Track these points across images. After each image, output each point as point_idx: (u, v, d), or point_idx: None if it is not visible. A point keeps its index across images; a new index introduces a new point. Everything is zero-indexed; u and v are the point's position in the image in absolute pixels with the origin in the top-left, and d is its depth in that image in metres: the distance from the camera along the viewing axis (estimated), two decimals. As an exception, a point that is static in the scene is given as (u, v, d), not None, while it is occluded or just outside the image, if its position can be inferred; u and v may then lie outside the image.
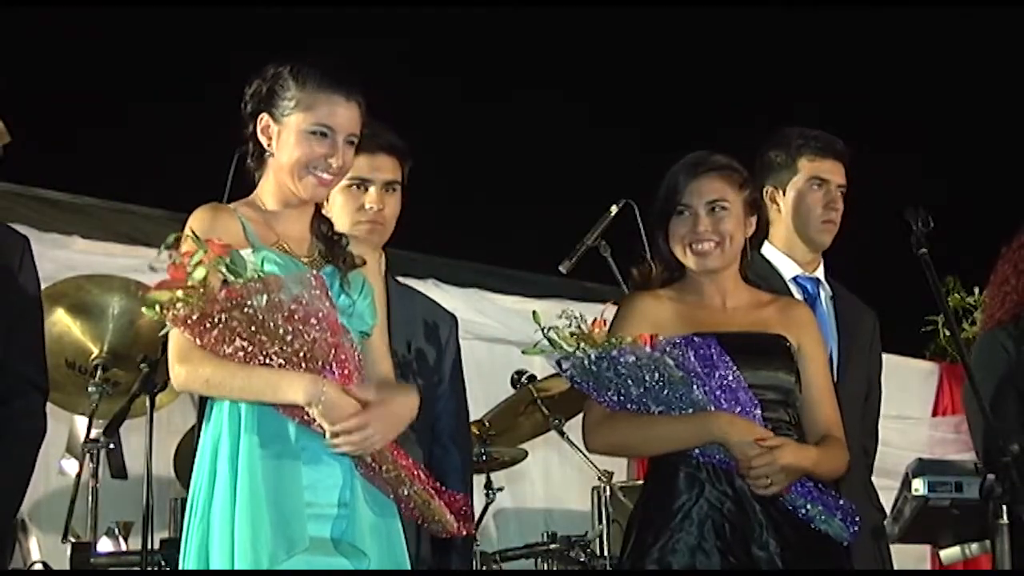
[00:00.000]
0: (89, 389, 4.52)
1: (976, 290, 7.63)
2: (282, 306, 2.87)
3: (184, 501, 4.49)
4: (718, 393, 3.28)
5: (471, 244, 7.10)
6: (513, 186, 8.41)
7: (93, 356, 4.59)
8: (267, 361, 2.89)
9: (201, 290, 2.85)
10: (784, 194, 4.05)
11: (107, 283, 4.69)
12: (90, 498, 4.44)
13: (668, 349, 3.27)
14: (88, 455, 4.42)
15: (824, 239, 4.07)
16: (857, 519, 3.36)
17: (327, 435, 2.91)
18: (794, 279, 4.04)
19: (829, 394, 3.51)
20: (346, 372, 2.95)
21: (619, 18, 8.54)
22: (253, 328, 2.87)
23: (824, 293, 4.07)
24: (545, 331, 3.30)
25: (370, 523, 2.99)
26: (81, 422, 4.65)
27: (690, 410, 3.28)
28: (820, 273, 4.10)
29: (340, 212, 3.48)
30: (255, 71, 3.17)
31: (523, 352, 3.47)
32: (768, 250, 4.04)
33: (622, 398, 3.30)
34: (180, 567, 3.02)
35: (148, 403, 4.33)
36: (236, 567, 2.88)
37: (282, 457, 2.94)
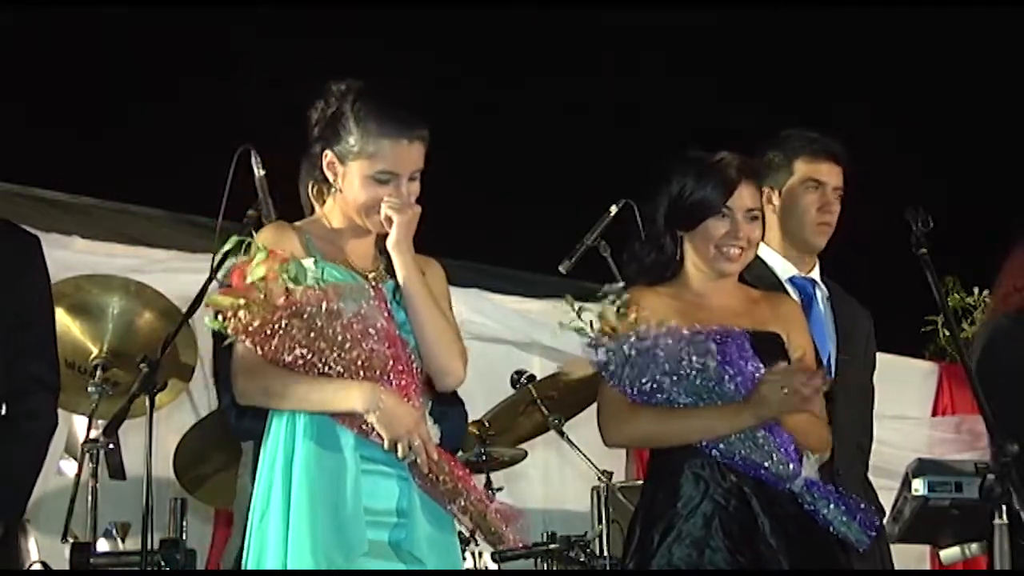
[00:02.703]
0: (89, 389, 4.53)
1: (976, 290, 7.63)
2: (341, 314, 2.90)
3: (183, 501, 4.55)
4: (750, 385, 3.29)
5: (471, 244, 7.10)
6: (513, 186, 8.41)
7: (93, 356, 4.60)
8: (326, 369, 2.93)
9: (262, 295, 2.87)
10: (780, 195, 4.04)
11: (107, 283, 4.70)
12: (89, 498, 4.43)
13: (706, 336, 3.28)
14: (87, 455, 4.42)
15: (819, 241, 4.05)
16: (875, 523, 3.36)
17: (386, 444, 2.93)
18: (790, 280, 4.03)
19: None
20: (403, 383, 2.98)
21: (617, 18, 8.54)
22: (312, 335, 2.90)
23: (820, 294, 4.06)
24: (579, 312, 3.31)
25: (427, 534, 3.01)
26: (80, 422, 4.65)
27: (719, 402, 3.30)
28: (816, 274, 4.09)
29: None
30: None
31: (560, 325, 3.43)
32: (763, 251, 4.03)
33: (654, 386, 3.30)
34: None
35: (148, 403, 4.32)
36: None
37: (339, 466, 2.96)
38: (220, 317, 2.91)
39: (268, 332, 2.90)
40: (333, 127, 3.09)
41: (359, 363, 2.93)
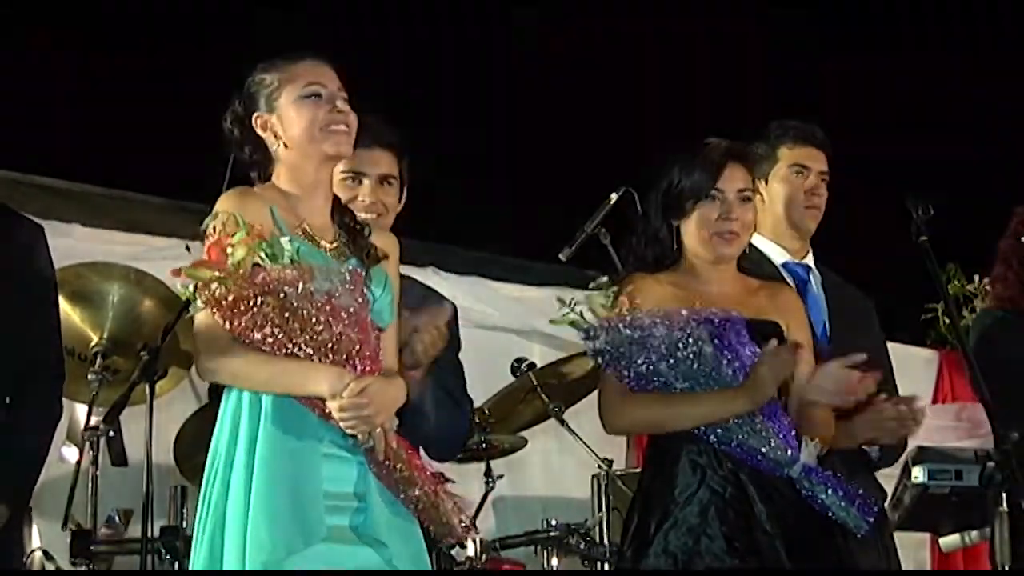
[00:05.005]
0: (89, 377, 4.54)
1: (976, 278, 7.62)
2: (314, 296, 2.89)
3: (184, 489, 4.55)
4: (748, 371, 3.29)
5: (471, 232, 7.10)
6: (513, 174, 8.40)
7: (93, 344, 4.61)
8: (295, 350, 2.91)
9: (240, 271, 2.86)
10: (767, 184, 4.05)
11: (107, 271, 4.71)
12: (90, 485, 4.44)
13: (702, 321, 3.29)
14: (88, 443, 4.43)
15: (809, 225, 4.08)
16: (874, 510, 3.36)
17: (330, 408, 2.91)
18: (784, 265, 4.05)
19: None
20: (368, 369, 2.96)
21: (619, 12, 8.54)
22: (286, 314, 2.88)
23: (815, 279, 4.08)
24: (572, 306, 3.32)
25: (386, 518, 3.00)
26: (81, 410, 4.66)
27: (716, 387, 3.30)
28: (810, 260, 4.11)
29: None
30: (254, 61, 3.18)
31: (551, 322, 3.46)
32: (756, 239, 4.05)
33: (650, 370, 3.30)
34: (192, 559, 3.03)
35: (148, 391, 4.34)
36: (249, 558, 2.88)
37: (301, 448, 2.95)
38: (192, 287, 2.90)
39: (241, 308, 2.87)
40: (251, 99, 3.14)
41: (328, 346, 2.91)
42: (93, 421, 4.48)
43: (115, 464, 4.53)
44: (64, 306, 4.52)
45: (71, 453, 4.67)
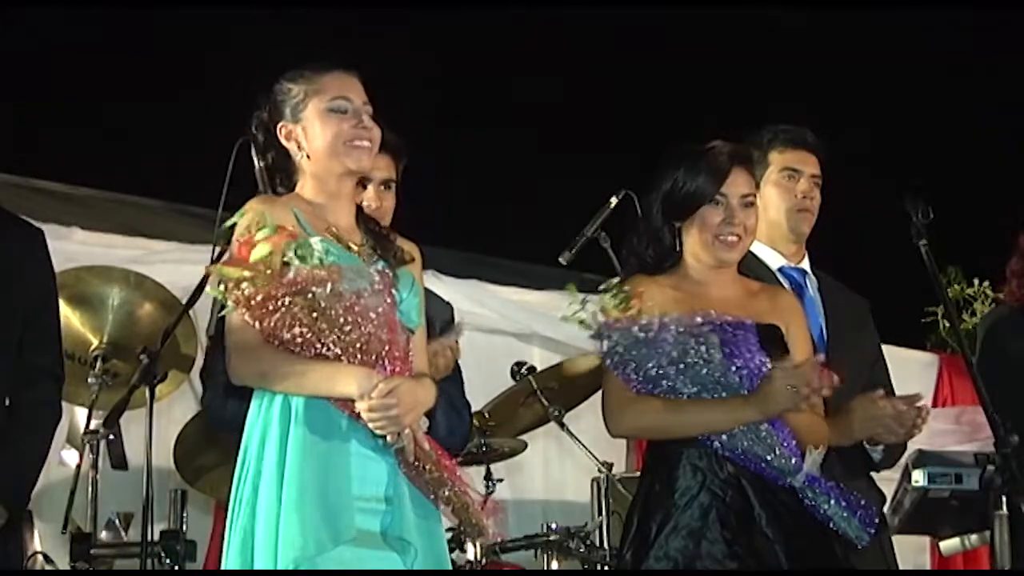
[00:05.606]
0: (89, 380, 4.55)
1: (976, 281, 7.62)
2: (343, 296, 2.90)
3: (184, 492, 4.55)
4: (756, 378, 3.29)
5: (471, 235, 7.11)
6: (513, 177, 8.41)
7: (93, 347, 4.61)
8: (324, 350, 2.93)
9: (268, 271, 2.87)
10: (760, 189, 4.04)
11: (106, 274, 4.71)
12: (90, 489, 4.44)
13: (713, 327, 3.28)
14: (88, 446, 4.42)
15: (803, 228, 4.07)
16: (875, 521, 3.35)
17: (359, 408, 2.93)
18: (780, 269, 4.05)
19: None
20: (397, 369, 2.97)
21: (619, 12, 8.55)
22: (315, 315, 2.90)
23: (811, 283, 4.08)
24: (583, 303, 3.32)
25: (414, 519, 3.02)
26: (81, 413, 4.66)
27: (723, 393, 3.31)
28: (806, 264, 4.11)
29: None
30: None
31: (562, 319, 3.46)
32: (752, 245, 4.05)
33: (659, 373, 3.30)
34: (224, 558, 3.04)
35: (148, 394, 4.33)
36: (280, 556, 2.90)
37: (331, 450, 2.97)
38: (222, 287, 2.92)
39: (270, 308, 2.89)
40: (277, 108, 3.16)
41: (357, 346, 2.93)
42: (93, 424, 4.48)
43: (115, 467, 4.53)
44: (64, 309, 4.53)
45: (71, 456, 4.67)
